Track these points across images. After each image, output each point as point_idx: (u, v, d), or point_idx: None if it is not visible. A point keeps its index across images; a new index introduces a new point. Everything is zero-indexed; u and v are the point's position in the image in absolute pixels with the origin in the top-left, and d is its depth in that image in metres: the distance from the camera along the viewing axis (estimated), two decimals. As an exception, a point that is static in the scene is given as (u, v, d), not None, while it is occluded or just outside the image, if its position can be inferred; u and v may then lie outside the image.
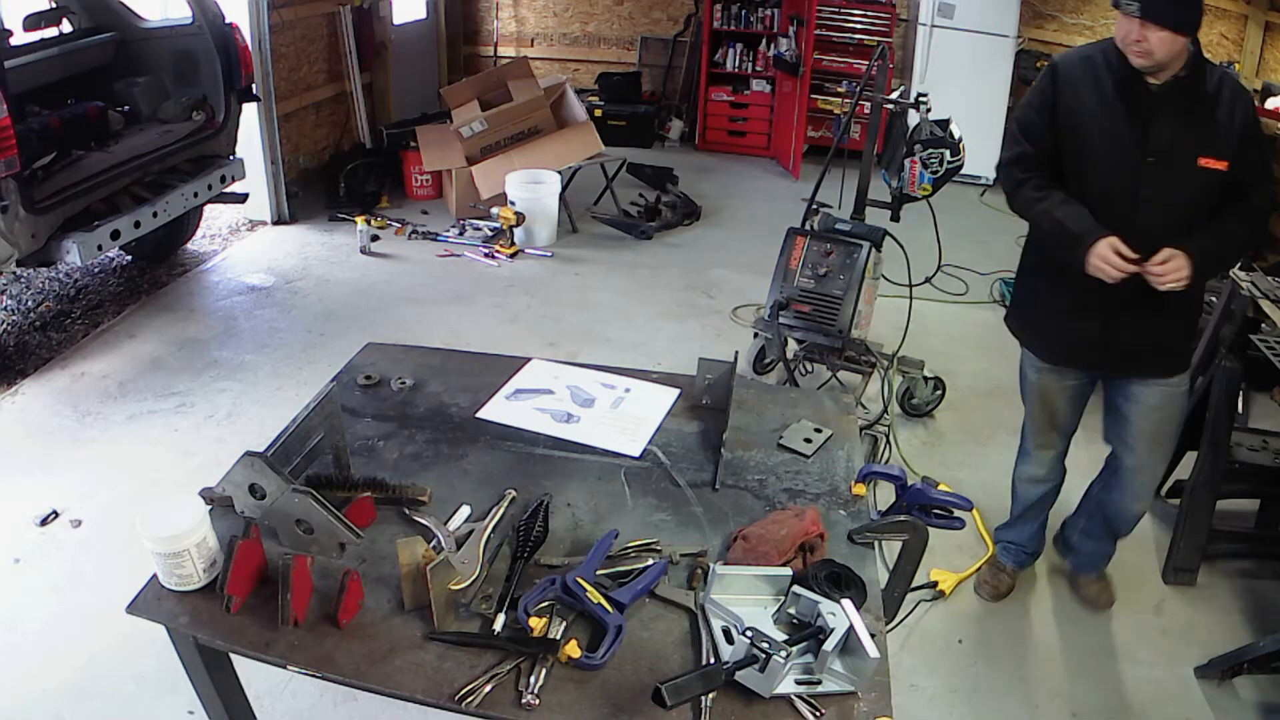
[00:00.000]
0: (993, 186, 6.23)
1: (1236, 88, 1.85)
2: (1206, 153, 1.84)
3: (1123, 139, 1.88)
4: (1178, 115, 1.84)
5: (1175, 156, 1.86)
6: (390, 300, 4.09)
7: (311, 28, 5.26)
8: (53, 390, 3.25)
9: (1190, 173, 1.86)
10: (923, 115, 2.91)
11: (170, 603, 1.13)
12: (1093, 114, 1.91)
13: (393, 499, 1.32)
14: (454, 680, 1.04)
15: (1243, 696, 2.23)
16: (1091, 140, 1.92)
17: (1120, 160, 1.89)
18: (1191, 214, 1.90)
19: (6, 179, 2.92)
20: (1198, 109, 1.83)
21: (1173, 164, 1.87)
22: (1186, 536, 2.60)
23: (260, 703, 1.71)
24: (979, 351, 3.96)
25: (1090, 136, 1.92)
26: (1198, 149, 1.84)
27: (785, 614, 1.14)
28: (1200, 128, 1.84)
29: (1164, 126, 1.85)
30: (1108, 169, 1.92)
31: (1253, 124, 1.88)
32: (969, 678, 2.25)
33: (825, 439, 1.53)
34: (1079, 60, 1.95)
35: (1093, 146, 1.92)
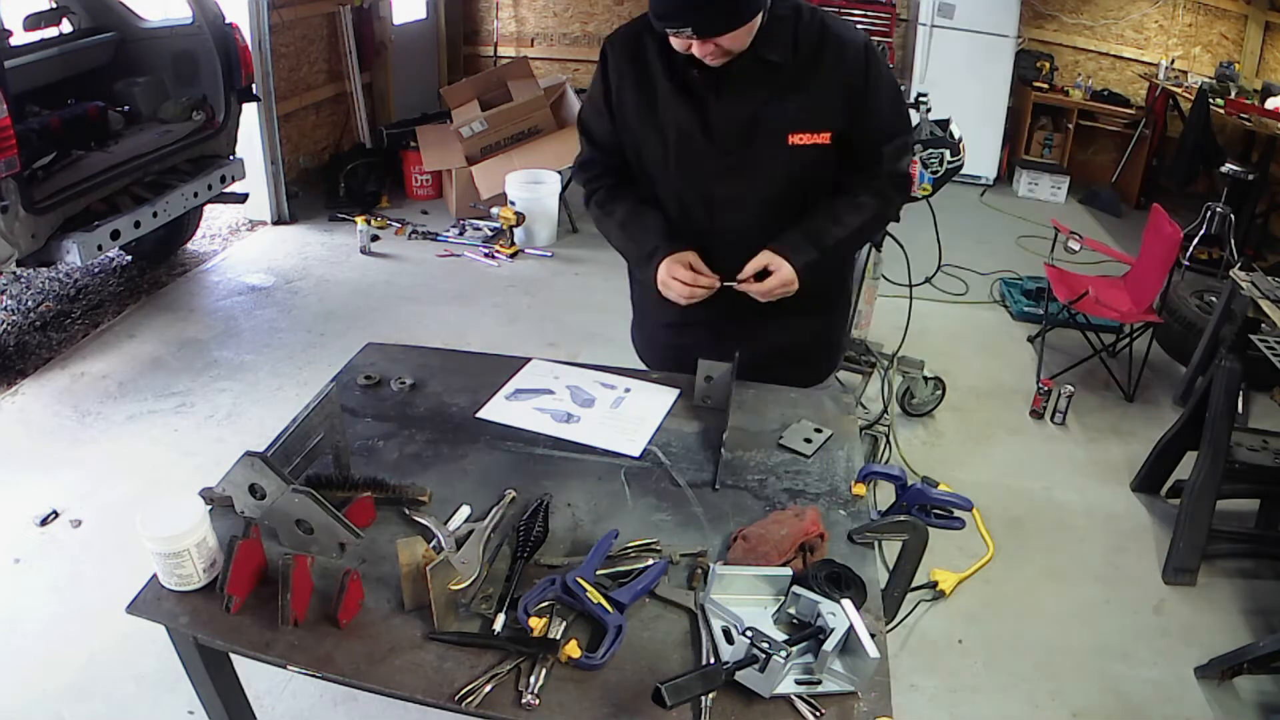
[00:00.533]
0: (993, 186, 6.24)
1: (841, 38, 1.54)
2: (798, 128, 1.55)
3: (683, 128, 1.58)
4: (752, 90, 1.53)
5: (755, 140, 1.56)
6: (390, 300, 4.09)
7: (311, 28, 5.26)
8: (53, 390, 3.25)
9: (779, 156, 1.57)
10: (923, 115, 2.91)
11: (170, 603, 1.13)
12: (642, 102, 1.60)
13: (393, 499, 1.32)
14: (454, 680, 1.04)
15: (1243, 696, 2.23)
16: (647, 135, 1.62)
17: (685, 155, 1.60)
18: (789, 204, 1.63)
19: (6, 179, 2.92)
20: (780, 77, 1.52)
21: (752, 150, 1.57)
22: (1186, 536, 2.60)
23: (260, 703, 1.72)
24: (979, 351, 3.96)
25: (645, 130, 1.62)
26: (787, 126, 1.55)
27: (785, 614, 1.14)
28: (787, 99, 1.54)
29: (733, 108, 1.54)
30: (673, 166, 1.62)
31: (865, 76, 1.54)
32: (969, 678, 2.25)
33: (825, 439, 1.53)
34: (623, 40, 1.62)
35: (649, 142, 1.63)
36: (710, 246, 1.64)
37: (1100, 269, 4.37)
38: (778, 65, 1.50)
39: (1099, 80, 6.32)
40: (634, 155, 1.68)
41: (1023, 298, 4.34)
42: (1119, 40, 6.29)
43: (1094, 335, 3.68)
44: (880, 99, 1.58)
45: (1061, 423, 3.41)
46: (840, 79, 1.53)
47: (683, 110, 1.57)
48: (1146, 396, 3.64)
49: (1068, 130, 6.28)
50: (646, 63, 1.58)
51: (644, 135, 1.63)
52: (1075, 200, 6.13)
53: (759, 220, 1.62)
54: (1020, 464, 3.17)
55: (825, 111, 1.55)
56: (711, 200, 1.63)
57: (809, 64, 1.52)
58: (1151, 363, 3.73)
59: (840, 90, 1.54)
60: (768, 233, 1.62)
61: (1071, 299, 3.55)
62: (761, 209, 1.62)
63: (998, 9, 5.79)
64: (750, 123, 1.55)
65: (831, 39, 1.53)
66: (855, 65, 1.54)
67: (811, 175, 1.62)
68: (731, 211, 1.63)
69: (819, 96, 1.54)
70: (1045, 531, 2.82)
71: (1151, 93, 6.00)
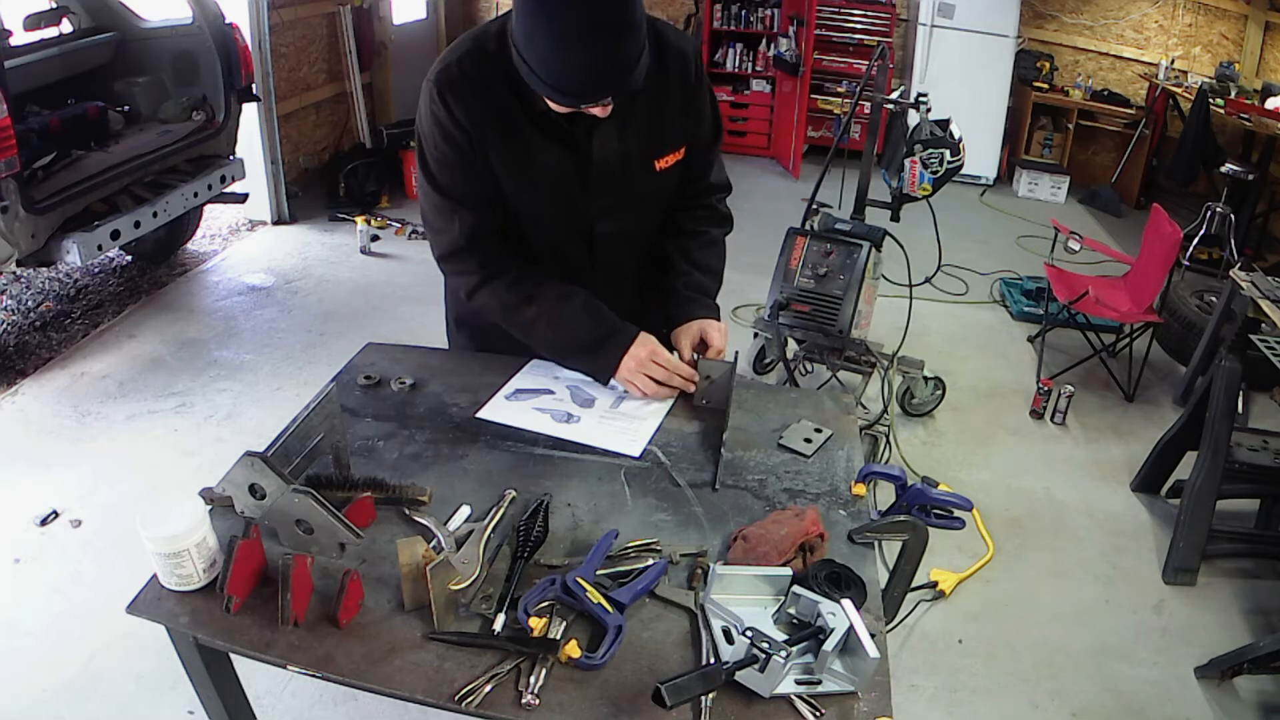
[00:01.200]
0: (993, 186, 6.24)
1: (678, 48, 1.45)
2: (662, 151, 1.49)
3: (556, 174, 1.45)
4: (619, 124, 1.41)
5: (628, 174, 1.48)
6: (390, 300, 4.09)
7: (311, 28, 5.26)
8: (53, 390, 3.25)
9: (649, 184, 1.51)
10: (923, 115, 2.91)
11: (170, 603, 1.13)
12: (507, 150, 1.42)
13: (393, 499, 1.32)
14: (454, 680, 1.04)
15: (1243, 697, 2.23)
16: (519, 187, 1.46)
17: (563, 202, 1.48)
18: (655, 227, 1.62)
19: (6, 179, 2.92)
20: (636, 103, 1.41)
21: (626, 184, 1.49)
22: (1186, 536, 2.60)
23: (260, 703, 1.71)
24: (979, 351, 3.97)
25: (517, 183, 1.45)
26: (653, 152, 1.48)
27: (785, 614, 1.14)
28: (649, 124, 1.45)
29: (606, 146, 1.43)
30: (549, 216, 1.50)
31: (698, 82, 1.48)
32: (969, 678, 2.25)
33: (825, 439, 1.53)
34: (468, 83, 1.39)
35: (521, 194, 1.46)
36: (591, 287, 1.57)
37: (1100, 269, 4.37)
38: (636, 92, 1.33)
39: (1099, 80, 6.32)
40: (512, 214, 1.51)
41: (1023, 298, 4.35)
42: (1119, 40, 6.30)
43: (1094, 335, 3.69)
44: (707, 103, 1.54)
45: (1061, 423, 3.41)
46: (682, 89, 1.47)
47: (553, 154, 1.42)
48: (1146, 396, 3.64)
49: (1068, 130, 6.29)
50: (500, 104, 1.38)
51: (516, 188, 1.46)
52: (1075, 200, 6.14)
53: (633, 249, 1.62)
54: (1020, 464, 3.17)
55: (677, 127, 1.50)
56: (591, 242, 1.56)
57: (656, 82, 1.40)
58: (1151, 363, 3.73)
59: (682, 102, 1.48)
60: (639, 258, 1.63)
61: (1071, 299, 3.55)
62: (636, 237, 1.61)
63: (998, 9, 5.80)
64: (623, 157, 1.46)
65: (670, 50, 1.44)
66: (692, 72, 1.48)
67: (669, 194, 1.60)
68: (610, 247, 1.58)
69: (671, 113, 1.48)
70: (1045, 531, 2.82)
71: (1151, 93, 6.00)
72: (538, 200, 1.48)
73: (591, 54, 1.20)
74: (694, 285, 1.62)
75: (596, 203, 1.51)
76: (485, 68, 1.37)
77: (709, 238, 1.65)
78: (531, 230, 1.54)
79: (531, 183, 1.46)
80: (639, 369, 1.52)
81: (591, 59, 1.21)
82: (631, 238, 1.61)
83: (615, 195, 1.51)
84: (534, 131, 1.41)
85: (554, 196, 1.48)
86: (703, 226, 1.65)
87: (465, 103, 1.39)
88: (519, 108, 1.39)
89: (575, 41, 1.19)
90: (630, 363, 1.52)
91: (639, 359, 1.52)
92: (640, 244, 1.64)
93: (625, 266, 1.63)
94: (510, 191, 1.47)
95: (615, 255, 1.61)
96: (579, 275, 1.58)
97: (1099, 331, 3.72)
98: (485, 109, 1.39)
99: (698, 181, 1.63)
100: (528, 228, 1.53)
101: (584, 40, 1.19)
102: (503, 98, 1.38)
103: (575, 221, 1.53)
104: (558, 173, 1.45)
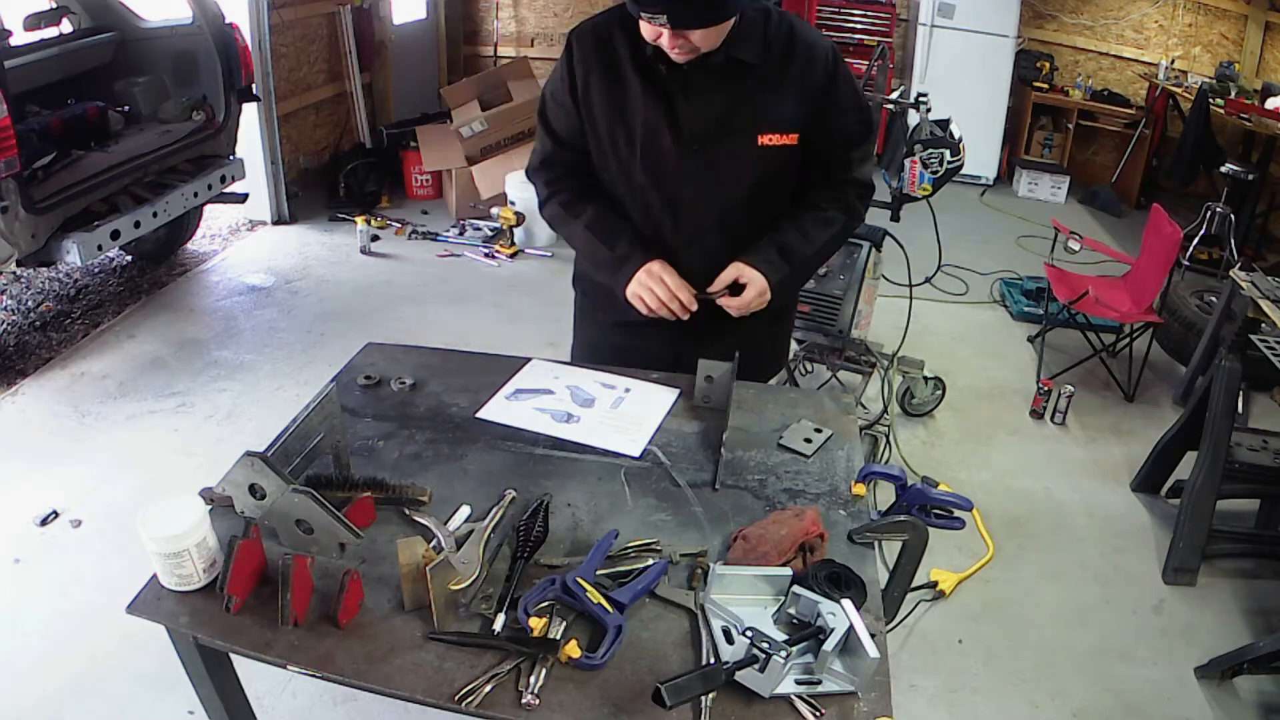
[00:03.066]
0: (993, 186, 6.24)
1: (809, 42, 1.53)
2: (768, 128, 1.54)
3: (650, 126, 1.54)
4: (723, 90, 1.51)
5: (724, 141, 1.55)
6: (390, 300, 4.09)
7: (311, 28, 5.26)
8: (53, 390, 3.25)
9: (747, 157, 1.56)
10: (923, 115, 2.91)
11: (170, 603, 1.13)
12: (609, 97, 1.56)
13: (393, 499, 1.32)
14: (454, 680, 1.04)
15: (1243, 697, 2.23)
16: (615, 132, 1.58)
17: (652, 154, 1.57)
18: (753, 207, 1.62)
19: (6, 179, 2.92)
20: (750, 77, 1.51)
21: (720, 151, 1.55)
22: (1186, 536, 2.60)
23: (260, 703, 1.71)
24: (979, 351, 3.97)
25: (610, 125, 1.58)
26: (756, 126, 1.54)
27: (785, 614, 1.14)
28: (757, 99, 1.53)
29: (702, 107, 1.52)
30: (639, 165, 1.58)
31: (832, 79, 1.54)
32: (969, 678, 2.25)
33: (825, 439, 1.53)
34: (592, 33, 1.56)
35: (617, 140, 1.58)
36: (674, 248, 1.63)
37: (1100, 269, 4.37)
38: (749, 65, 1.49)
39: (1099, 80, 6.32)
40: (598, 153, 1.63)
41: (1023, 298, 4.35)
42: (1119, 40, 6.29)
43: (1094, 335, 3.68)
44: (846, 103, 1.58)
45: (1061, 423, 3.41)
46: (808, 82, 1.53)
47: (651, 108, 1.53)
48: (1146, 396, 3.64)
49: (1068, 130, 6.28)
50: (615, 57, 1.53)
51: (611, 133, 1.58)
52: (1075, 200, 6.13)
53: (723, 223, 1.62)
54: (1020, 464, 3.17)
55: (794, 113, 1.55)
56: (677, 202, 1.60)
57: (778, 65, 1.52)
58: (1151, 363, 3.73)
59: (808, 93, 1.54)
60: (730, 236, 1.62)
61: (1071, 299, 3.55)
62: (726, 211, 1.61)
63: (998, 9, 5.79)
64: (720, 123, 1.54)
65: (800, 42, 1.53)
66: (823, 68, 1.54)
67: (776, 178, 1.62)
68: (697, 213, 1.61)
69: (788, 97, 1.53)
70: (1045, 531, 2.82)
71: (1151, 93, 6.00)
72: (631, 147, 1.58)
73: None
74: (778, 241, 1.61)
75: (687, 161, 1.56)
76: (615, 26, 1.54)
77: (826, 215, 1.65)
78: (624, 178, 1.62)
79: (628, 130, 1.57)
80: (647, 282, 1.58)
81: None
82: (721, 206, 1.61)
83: (706, 157, 1.56)
84: (639, 83, 1.53)
85: (647, 146, 1.56)
86: (826, 205, 1.65)
87: (584, 51, 1.56)
88: (632, 62, 1.53)
89: None
90: (642, 276, 1.59)
91: (650, 272, 1.59)
92: (731, 217, 1.62)
93: (711, 236, 1.62)
94: (609, 135, 1.59)
95: (701, 221, 1.62)
96: (663, 234, 1.63)
97: (1099, 331, 3.72)
98: (600, 58, 1.55)
99: (839, 174, 1.65)
100: (621, 173, 1.62)
101: None
102: (620, 52, 1.53)
103: (664, 176, 1.59)
104: (653, 123, 1.54)
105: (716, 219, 1.62)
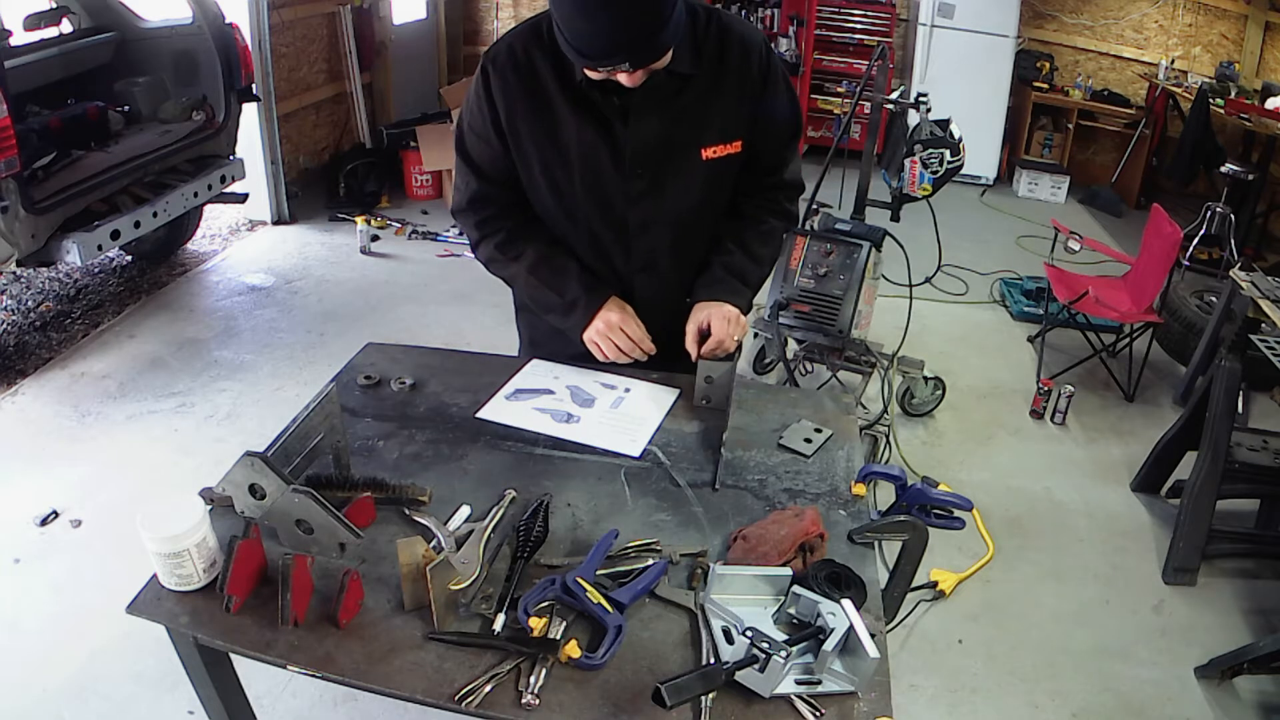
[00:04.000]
0: (993, 186, 6.24)
1: (743, 38, 1.46)
2: (711, 140, 1.48)
3: (587, 152, 1.46)
4: (661, 106, 1.43)
5: (669, 159, 1.49)
6: (390, 300, 4.09)
7: (311, 28, 5.26)
8: (53, 390, 3.25)
9: (693, 172, 1.50)
10: (923, 115, 2.91)
11: (170, 603, 1.13)
12: (538, 126, 1.46)
13: (393, 499, 1.32)
14: (454, 680, 1.04)
15: (1243, 697, 2.23)
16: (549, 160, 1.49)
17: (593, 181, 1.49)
18: (702, 219, 1.58)
19: (6, 179, 2.92)
20: (687, 88, 1.43)
21: (665, 170, 1.49)
22: (1186, 536, 2.60)
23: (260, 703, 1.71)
24: (979, 351, 3.97)
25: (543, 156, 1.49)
26: (700, 139, 1.48)
27: (785, 614, 1.14)
28: (696, 110, 1.45)
29: (643, 128, 1.44)
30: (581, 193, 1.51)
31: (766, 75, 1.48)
32: (969, 678, 2.25)
33: (825, 439, 1.53)
34: (508, 58, 1.44)
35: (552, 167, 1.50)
36: (625, 277, 1.60)
37: (1100, 269, 4.37)
38: (686, 76, 1.41)
39: (1099, 80, 6.32)
40: (532, 187, 1.54)
41: (1023, 298, 4.35)
42: (1119, 40, 6.30)
43: (1094, 335, 3.69)
44: (780, 99, 1.53)
45: (1061, 423, 3.41)
46: (745, 82, 1.47)
47: (587, 134, 1.45)
48: (1146, 396, 3.64)
49: (1068, 130, 6.29)
50: (538, 82, 1.44)
51: (545, 163, 1.49)
52: (1075, 200, 6.13)
53: (675, 245, 1.59)
54: (1020, 464, 3.17)
55: (734, 119, 1.49)
56: (625, 225, 1.55)
57: (713, 70, 1.44)
58: (1151, 363, 3.73)
59: (746, 94, 1.48)
60: (682, 257, 1.60)
61: (1071, 299, 3.55)
62: (676, 229, 1.57)
63: (998, 9, 5.79)
64: (662, 142, 1.47)
65: (733, 40, 1.45)
66: (758, 65, 1.47)
67: (721, 189, 1.58)
68: (647, 237, 1.56)
69: (727, 104, 1.47)
70: (1045, 531, 2.82)
71: (1151, 93, 6.00)
72: (569, 177, 1.50)
73: (608, 17, 1.23)
74: (731, 267, 1.59)
75: (631, 185, 1.50)
76: (533, 48, 1.43)
77: (766, 227, 1.63)
78: (566, 211, 1.55)
79: (564, 160, 1.49)
80: (606, 332, 1.55)
81: (609, 22, 1.24)
82: (671, 228, 1.57)
83: (651, 180, 1.50)
84: (570, 110, 1.44)
85: (586, 175, 1.49)
86: (763, 215, 1.63)
87: (504, 79, 1.45)
88: (559, 87, 1.43)
89: (594, 4, 1.23)
90: (599, 324, 1.55)
91: (608, 323, 1.55)
92: (682, 237, 1.58)
93: (662, 257, 1.59)
94: (542, 167, 1.50)
95: (652, 244, 1.58)
96: (613, 262, 1.59)
97: (1099, 331, 3.72)
98: (523, 86, 1.44)
99: (771, 175, 1.62)
100: (563, 207, 1.55)
101: (603, 3, 1.22)
102: (544, 76, 1.43)
103: (609, 203, 1.53)
104: (590, 151, 1.47)
105: (668, 242, 1.58)
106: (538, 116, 1.46)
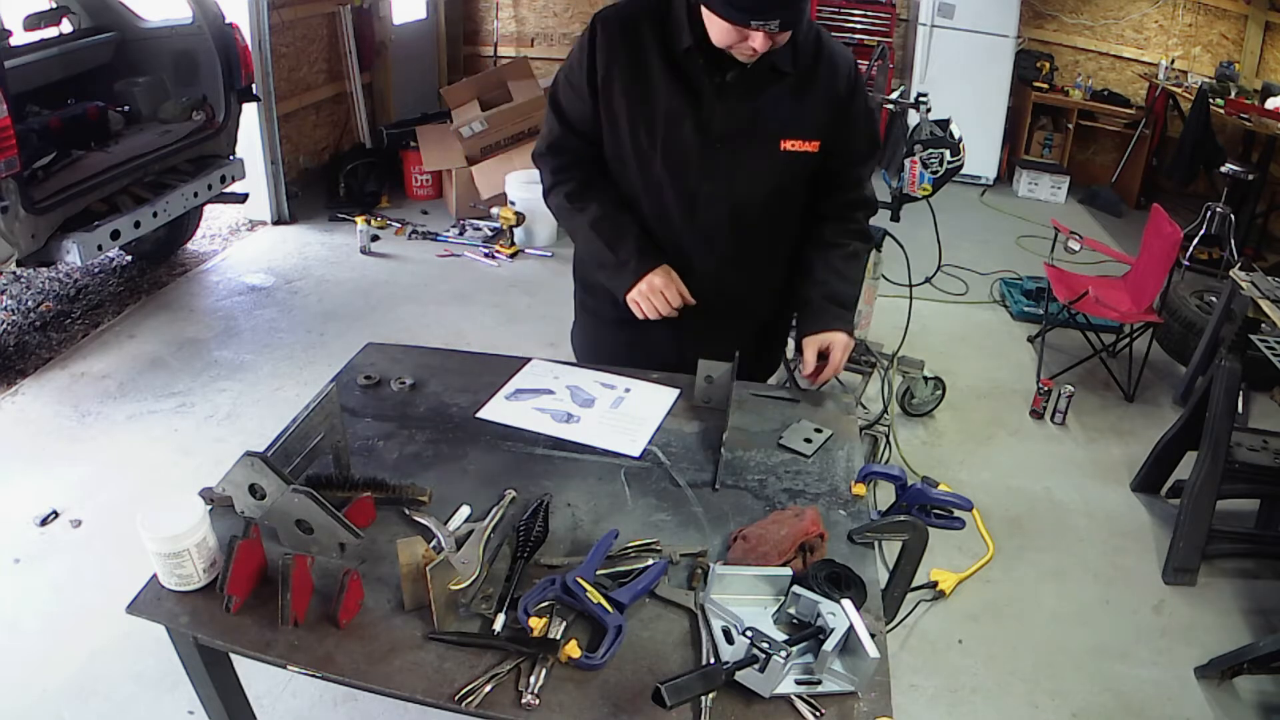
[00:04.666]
0: (993, 186, 6.24)
1: (834, 53, 1.56)
2: (792, 134, 1.56)
3: (673, 119, 1.53)
4: (754, 92, 1.52)
5: (749, 141, 1.55)
6: (390, 300, 4.09)
7: (311, 28, 5.25)
8: (53, 390, 3.25)
9: (769, 160, 1.57)
10: (923, 115, 2.91)
11: (170, 603, 1.13)
12: (631, 87, 1.53)
13: (393, 499, 1.32)
14: (454, 680, 1.04)
15: (1243, 697, 2.23)
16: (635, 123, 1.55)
17: (673, 148, 1.55)
18: (766, 211, 1.63)
19: (6, 179, 2.92)
20: (781, 83, 1.52)
21: (744, 151, 1.56)
22: (1186, 536, 2.60)
23: (260, 703, 1.71)
24: (979, 351, 3.97)
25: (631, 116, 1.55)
26: (782, 130, 1.55)
27: (785, 614, 1.14)
28: (785, 104, 1.54)
29: (732, 107, 1.52)
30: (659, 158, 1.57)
31: (851, 93, 1.57)
32: (969, 678, 2.25)
33: (825, 439, 1.53)
34: (618, 21, 1.53)
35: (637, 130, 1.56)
36: (685, 247, 1.65)
37: (1100, 269, 4.37)
38: (781, 71, 1.51)
39: (1099, 80, 6.32)
40: (613, 143, 1.60)
41: (1023, 298, 4.35)
42: (1119, 40, 6.29)
43: (1094, 335, 3.68)
44: (861, 119, 1.62)
45: (1061, 423, 3.41)
46: (832, 91, 1.56)
47: (678, 102, 1.52)
48: (1146, 396, 3.64)
49: (1068, 130, 6.28)
50: (642, 48, 1.51)
51: (632, 123, 1.56)
52: (1075, 200, 6.13)
53: (737, 223, 1.63)
54: (1020, 464, 3.17)
55: (817, 120, 1.57)
56: (694, 196, 1.60)
57: (807, 73, 1.54)
58: (1151, 363, 3.73)
59: (831, 102, 1.57)
60: (742, 237, 1.64)
61: (1071, 299, 3.55)
62: (742, 210, 1.62)
63: (998, 9, 5.79)
64: (748, 124, 1.54)
65: (826, 52, 1.56)
66: (845, 80, 1.57)
67: (793, 184, 1.64)
68: (713, 208, 1.61)
69: (813, 106, 1.55)
70: (1045, 531, 2.82)
71: (1151, 93, 6.00)
72: (653, 141, 1.56)
73: None
74: (831, 295, 1.65)
75: (709, 159, 1.56)
76: (642, 14, 1.52)
77: (851, 250, 1.69)
78: (640, 169, 1.60)
79: (650, 124, 1.55)
80: (648, 293, 1.60)
81: None
82: (736, 211, 1.61)
83: (729, 157, 1.56)
84: (666, 78, 1.52)
85: (668, 142, 1.55)
86: (846, 239, 1.69)
87: (610, 38, 1.52)
88: (659, 53, 1.51)
89: None
90: (644, 285, 1.60)
91: (651, 285, 1.59)
92: (744, 221, 1.63)
93: (721, 234, 1.63)
94: (630, 128, 1.56)
95: (714, 222, 1.62)
96: (674, 228, 1.63)
97: (1099, 331, 3.72)
98: (626, 47, 1.52)
99: (848, 192, 1.69)
100: (637, 164, 1.60)
101: None
102: (648, 42, 1.51)
103: (683, 173, 1.58)
104: (676, 119, 1.53)
105: (731, 217, 1.62)
106: (634, 78, 1.53)
